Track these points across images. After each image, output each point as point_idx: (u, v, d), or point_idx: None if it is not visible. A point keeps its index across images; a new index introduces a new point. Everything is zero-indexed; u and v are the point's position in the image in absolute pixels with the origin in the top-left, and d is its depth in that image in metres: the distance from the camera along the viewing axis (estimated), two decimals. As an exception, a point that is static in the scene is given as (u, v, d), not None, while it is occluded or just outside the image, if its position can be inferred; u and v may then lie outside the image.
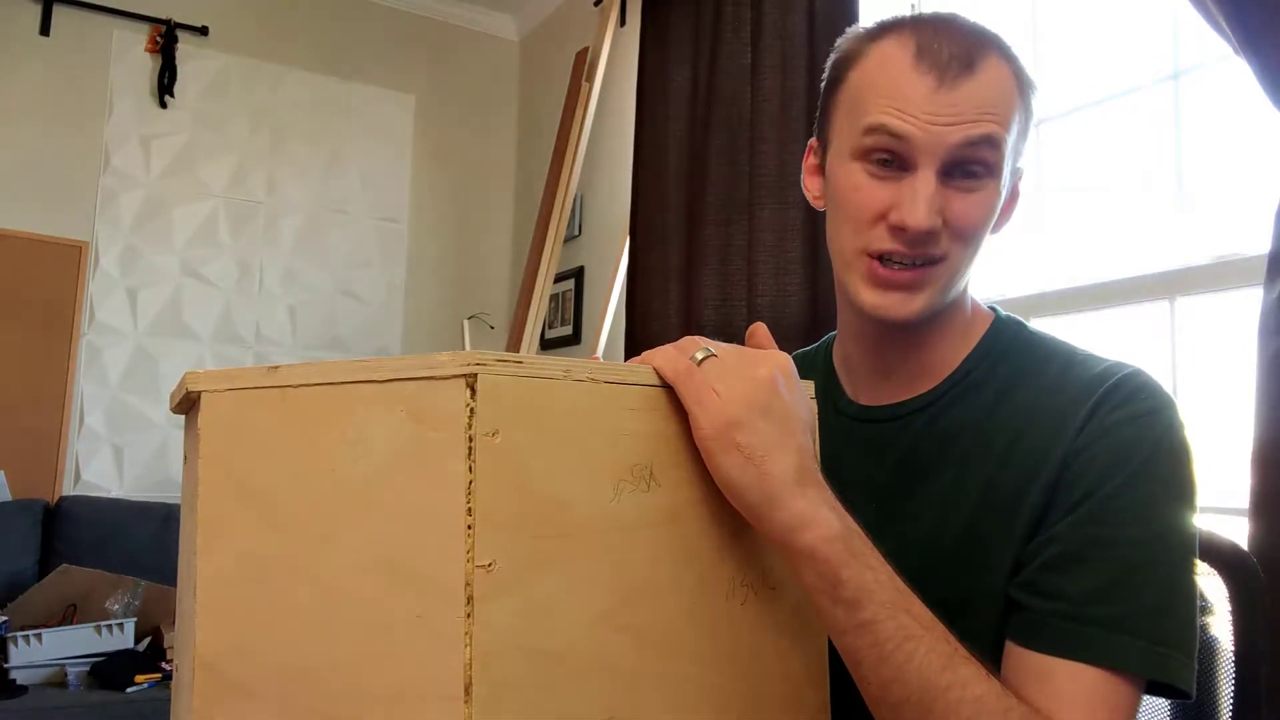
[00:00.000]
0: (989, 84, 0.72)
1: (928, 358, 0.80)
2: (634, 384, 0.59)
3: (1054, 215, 1.97)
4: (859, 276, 0.75)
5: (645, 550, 0.58)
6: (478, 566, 0.50)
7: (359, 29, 3.68)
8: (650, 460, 0.58)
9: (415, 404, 0.52)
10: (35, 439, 3.03)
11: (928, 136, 0.71)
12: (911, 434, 0.79)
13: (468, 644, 0.49)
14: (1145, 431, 0.68)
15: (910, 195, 0.71)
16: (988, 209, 0.74)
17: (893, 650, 0.60)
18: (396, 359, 0.53)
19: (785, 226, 2.29)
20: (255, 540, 0.53)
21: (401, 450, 0.52)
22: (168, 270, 3.29)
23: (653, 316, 2.65)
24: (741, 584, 0.62)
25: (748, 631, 0.62)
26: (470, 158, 3.87)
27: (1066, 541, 0.67)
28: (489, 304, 3.83)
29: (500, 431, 0.52)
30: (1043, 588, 0.67)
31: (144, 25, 3.30)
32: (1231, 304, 1.62)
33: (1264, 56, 1.38)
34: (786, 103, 2.32)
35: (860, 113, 0.74)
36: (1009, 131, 0.73)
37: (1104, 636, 0.64)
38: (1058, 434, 0.71)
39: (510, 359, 0.53)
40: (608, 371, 0.58)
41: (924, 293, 0.74)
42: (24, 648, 2.33)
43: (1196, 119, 1.75)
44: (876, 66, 0.75)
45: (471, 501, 0.50)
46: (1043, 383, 0.75)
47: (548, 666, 0.53)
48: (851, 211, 0.75)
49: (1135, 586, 0.65)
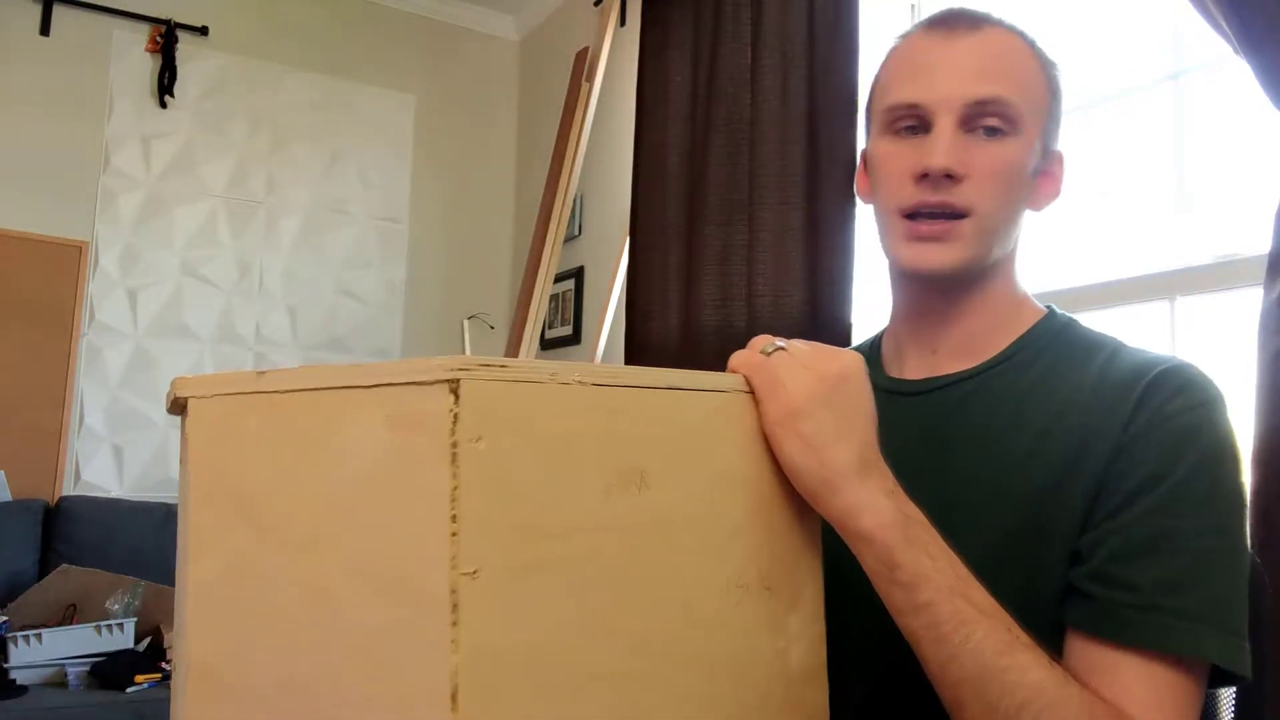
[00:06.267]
0: (997, 42, 0.78)
1: (970, 332, 0.82)
2: (623, 386, 0.58)
3: (1054, 215, 1.97)
4: (897, 237, 0.79)
5: (637, 553, 0.57)
6: (462, 574, 0.49)
7: (359, 29, 3.68)
8: (641, 462, 0.58)
9: (399, 410, 0.52)
10: (35, 439, 3.03)
11: (940, 89, 0.76)
12: (946, 406, 0.80)
13: (454, 651, 0.49)
14: (1205, 422, 0.70)
15: (929, 143, 0.76)
16: (1011, 162, 0.77)
17: (949, 632, 0.62)
18: (382, 364, 0.53)
19: (785, 226, 2.29)
20: (244, 546, 0.53)
21: (386, 456, 0.52)
22: (168, 270, 3.29)
23: (653, 316, 2.65)
24: (736, 585, 0.62)
25: (743, 633, 0.62)
26: (470, 158, 3.87)
27: (1134, 532, 0.68)
28: (489, 304, 3.83)
29: (485, 437, 0.51)
30: (1112, 578, 0.67)
31: (144, 25, 3.30)
32: (1231, 304, 1.62)
33: (1264, 57, 1.38)
34: (786, 103, 2.32)
35: (885, 95, 0.81)
36: (1025, 96, 0.77)
37: (1180, 626, 0.64)
38: (1108, 416, 0.71)
39: (495, 363, 0.52)
40: (596, 374, 0.57)
41: (955, 245, 0.77)
42: (24, 648, 2.33)
43: (1196, 119, 1.76)
44: (897, 53, 0.83)
45: (455, 508, 0.50)
46: (1088, 368, 0.76)
47: (537, 672, 0.52)
48: (884, 177, 0.80)
49: (1205, 577, 0.66)
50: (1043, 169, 0.81)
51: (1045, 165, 0.81)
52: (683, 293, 2.57)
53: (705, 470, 0.61)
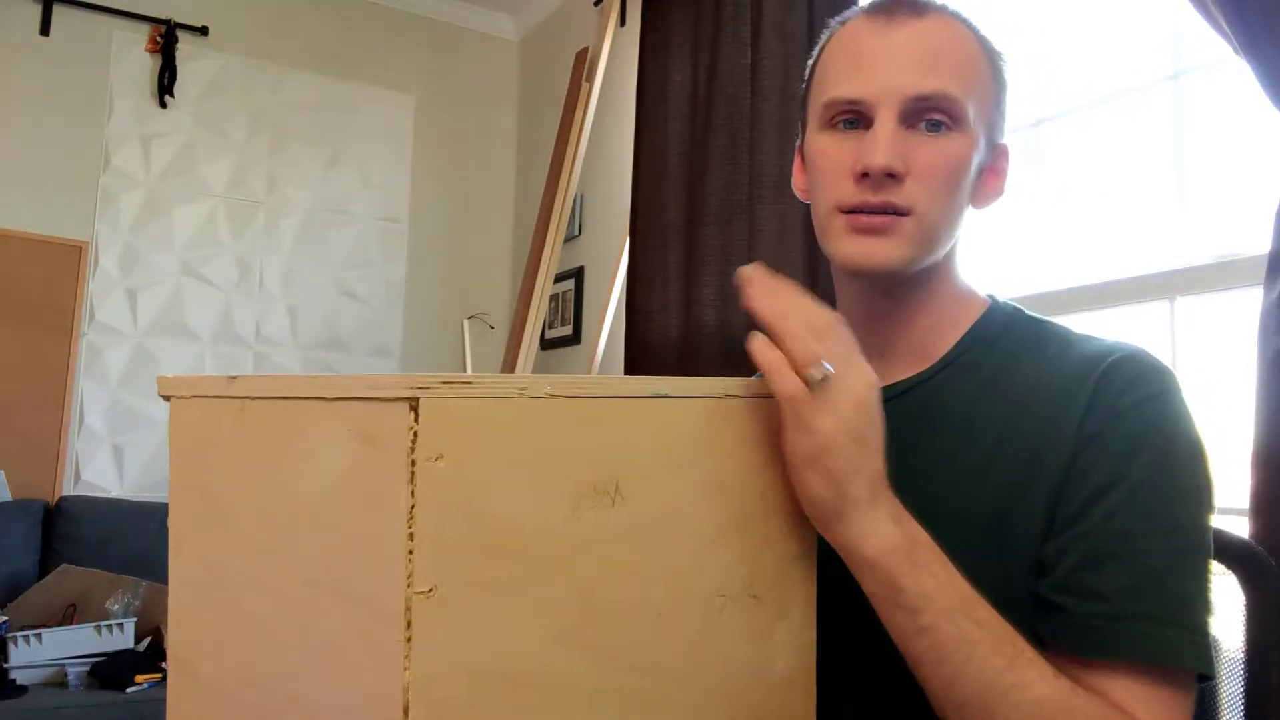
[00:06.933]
0: (939, 31, 0.75)
1: (919, 335, 0.79)
2: (600, 396, 0.57)
3: (1054, 215, 1.97)
4: (836, 233, 0.76)
5: (608, 567, 0.56)
6: (416, 593, 0.49)
7: (359, 29, 3.68)
8: (616, 474, 0.57)
9: (361, 425, 0.52)
10: (35, 439, 3.03)
11: (880, 82, 0.73)
12: (902, 414, 0.77)
13: (406, 666, 0.49)
14: (1159, 416, 0.68)
15: (870, 140, 0.73)
16: (954, 159, 0.74)
17: (951, 653, 0.61)
18: (347, 377, 0.53)
19: (785, 226, 2.29)
20: (216, 546, 0.53)
21: (347, 470, 0.52)
22: (168, 270, 3.29)
23: (653, 316, 2.65)
24: (718, 594, 0.61)
25: (724, 642, 0.61)
26: (470, 158, 3.87)
27: (1096, 538, 0.66)
28: (489, 304, 3.83)
29: (444, 455, 0.50)
30: (1078, 587, 0.66)
31: (144, 25, 3.30)
32: (1231, 304, 1.62)
33: (1264, 56, 1.38)
34: (786, 103, 2.32)
35: (823, 88, 0.78)
36: (969, 90, 0.74)
37: (1153, 634, 0.64)
38: (1062, 413, 0.70)
39: (459, 380, 0.51)
40: (571, 386, 0.56)
41: (896, 241, 0.73)
42: (24, 648, 2.33)
43: (1196, 119, 1.76)
44: (836, 43, 0.80)
45: (413, 526, 0.49)
46: (1040, 362, 0.75)
47: (494, 688, 0.52)
48: (822, 175, 0.77)
49: (1170, 579, 0.65)
50: (988, 165, 0.78)
51: (990, 161, 0.78)
52: (683, 293, 2.57)
53: (689, 479, 0.60)
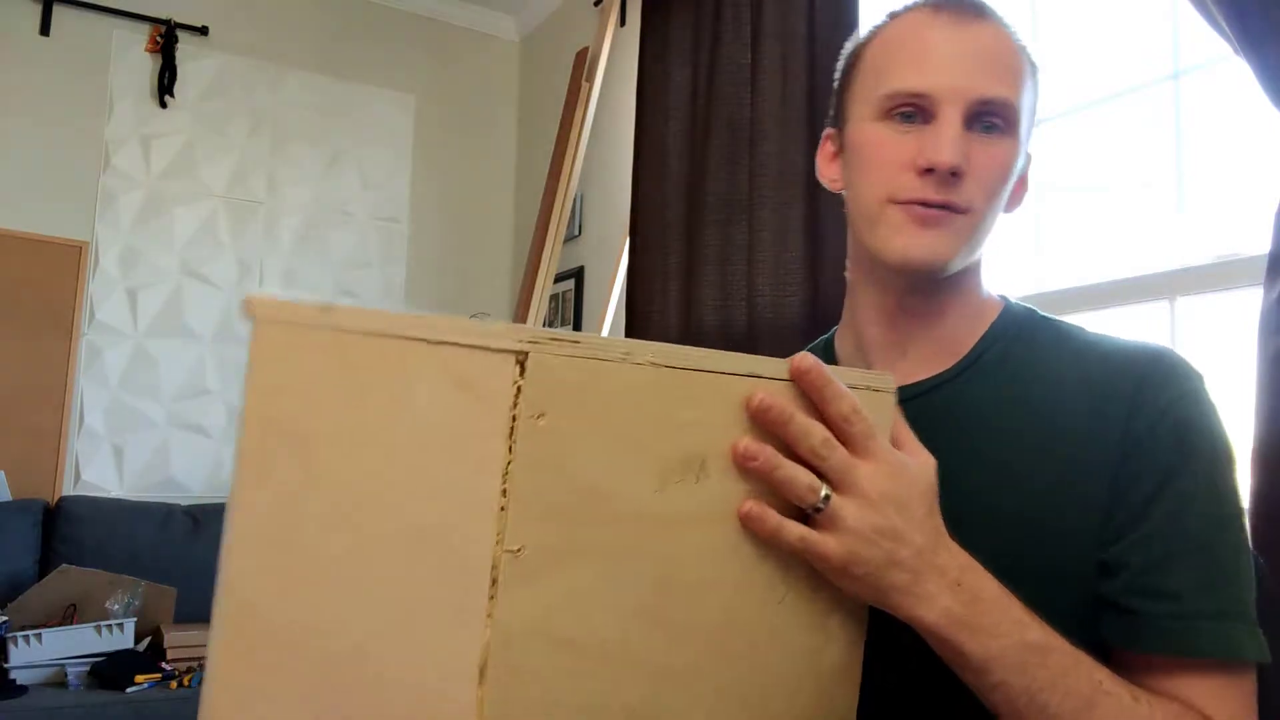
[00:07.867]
0: (1000, 36, 0.75)
1: (944, 334, 0.79)
2: (697, 370, 0.56)
3: (1054, 215, 1.97)
4: (888, 226, 0.74)
5: (688, 545, 0.56)
6: (506, 551, 0.49)
7: (359, 29, 3.68)
8: (704, 450, 0.56)
9: (464, 372, 0.50)
10: (35, 439, 3.03)
11: (948, 79, 0.72)
12: (928, 413, 0.77)
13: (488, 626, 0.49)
14: (1200, 414, 0.70)
15: (935, 137, 0.72)
16: (1008, 164, 0.75)
17: (1024, 705, 0.62)
18: (453, 320, 0.50)
19: (785, 226, 2.29)
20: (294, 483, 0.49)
21: (445, 418, 0.50)
22: (168, 270, 3.29)
23: (653, 316, 2.65)
24: (781, 582, 0.61)
25: (783, 630, 0.61)
26: (470, 158, 3.87)
27: (1161, 538, 0.67)
28: (489, 304, 3.83)
29: (546, 415, 0.50)
30: (1151, 589, 0.67)
31: (144, 25, 3.30)
32: (1231, 304, 1.62)
33: (1264, 56, 1.38)
34: (786, 103, 2.32)
35: (882, 79, 0.76)
36: (1021, 97, 0.75)
37: (1221, 629, 0.65)
38: (1102, 413, 0.71)
39: (566, 338, 0.51)
40: (670, 355, 0.55)
41: (953, 237, 0.73)
42: (24, 648, 2.33)
43: (1196, 119, 1.75)
44: (895, 34, 0.77)
45: (508, 483, 0.49)
46: (1063, 361, 0.75)
47: (570, 656, 0.52)
48: (877, 164, 0.75)
49: (1231, 572, 0.67)
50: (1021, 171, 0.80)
51: (1022, 165, 0.80)
52: (683, 293, 2.57)
53: None
